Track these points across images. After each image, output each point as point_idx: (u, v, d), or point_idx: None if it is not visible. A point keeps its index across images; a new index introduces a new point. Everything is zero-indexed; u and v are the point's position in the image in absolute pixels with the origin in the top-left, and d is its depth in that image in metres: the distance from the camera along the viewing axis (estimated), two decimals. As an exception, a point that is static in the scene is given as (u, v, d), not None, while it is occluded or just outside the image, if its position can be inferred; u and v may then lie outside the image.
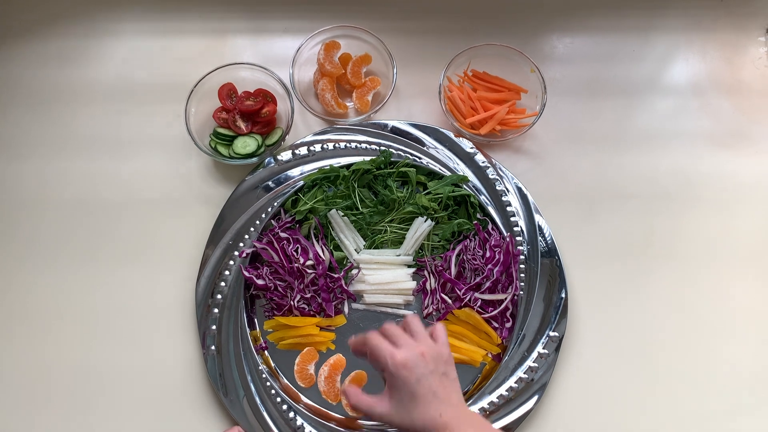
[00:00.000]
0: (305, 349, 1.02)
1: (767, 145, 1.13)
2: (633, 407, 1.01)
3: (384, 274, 1.04)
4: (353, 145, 1.08)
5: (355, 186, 1.06)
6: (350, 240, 1.06)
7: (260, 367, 0.99)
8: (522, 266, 1.03)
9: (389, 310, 1.04)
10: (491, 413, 0.97)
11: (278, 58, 1.14)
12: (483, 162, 1.07)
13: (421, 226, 1.05)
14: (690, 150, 1.13)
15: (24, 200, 1.11)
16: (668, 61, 1.19)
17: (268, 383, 0.99)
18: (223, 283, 1.03)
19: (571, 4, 1.20)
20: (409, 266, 1.05)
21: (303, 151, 1.08)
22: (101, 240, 1.09)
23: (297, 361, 1.02)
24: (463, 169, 1.07)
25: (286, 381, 1.01)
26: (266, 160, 1.08)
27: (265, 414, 0.98)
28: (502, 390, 0.98)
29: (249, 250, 1.04)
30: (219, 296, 1.02)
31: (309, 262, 1.03)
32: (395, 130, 1.09)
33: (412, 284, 1.04)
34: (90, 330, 1.05)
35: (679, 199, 1.10)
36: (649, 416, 1.00)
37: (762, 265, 1.07)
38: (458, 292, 1.01)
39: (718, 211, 1.10)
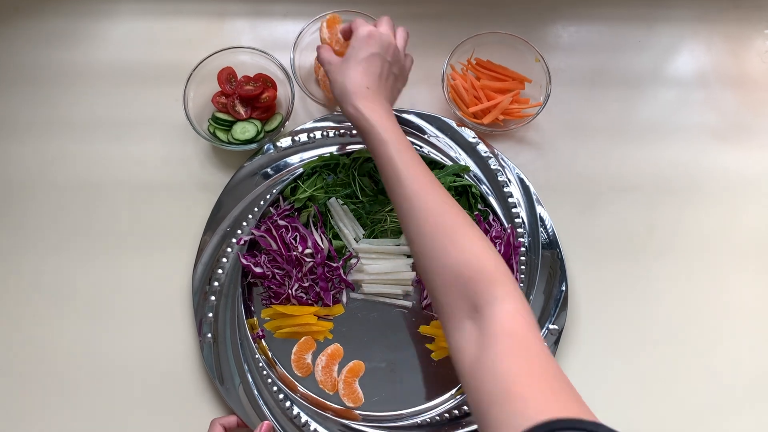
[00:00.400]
0: (302, 339, 1.01)
1: (771, 139, 1.12)
2: (632, 400, 1.01)
3: (383, 264, 1.03)
4: (354, 132, 1.07)
5: (356, 174, 1.05)
6: (349, 229, 1.04)
7: (257, 356, 0.99)
8: (522, 258, 1.02)
9: (388, 300, 1.03)
10: (489, 405, 0.97)
11: (278, 42, 1.13)
12: (485, 152, 1.06)
13: (421, 216, 1.04)
14: (693, 143, 1.12)
15: (17, 183, 1.09)
16: (673, 52, 1.17)
17: (265, 372, 0.98)
18: (220, 271, 1.02)
19: (577, -8, 1.19)
20: (409, 256, 1.04)
21: (303, 137, 1.07)
22: (96, 225, 1.07)
23: (294, 350, 1.01)
24: (464, 158, 1.06)
25: (282, 370, 1.01)
26: (265, 147, 1.06)
27: (261, 403, 0.97)
28: (501, 382, 0.98)
29: (247, 238, 1.03)
30: (216, 284, 1.01)
31: (307, 251, 1.02)
32: (397, 118, 1.07)
33: (412, 274, 1.03)
34: (85, 315, 1.04)
35: (681, 193, 1.10)
36: (648, 409, 1.00)
37: (763, 260, 1.07)
38: (458, 283, 1.01)
39: (721, 204, 1.09)
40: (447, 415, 0.97)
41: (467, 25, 1.11)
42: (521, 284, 1.01)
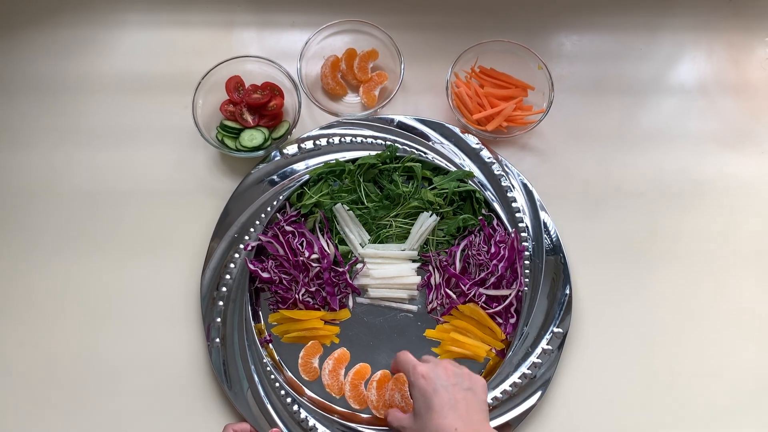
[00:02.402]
0: (309, 343, 1.02)
1: (772, 145, 1.14)
2: (635, 404, 1.01)
3: (388, 269, 1.04)
4: (359, 139, 1.08)
5: (361, 180, 1.07)
6: (355, 234, 1.06)
7: (264, 360, 1.00)
8: (527, 262, 1.03)
9: (393, 304, 1.04)
10: (495, 408, 0.98)
11: (285, 51, 1.15)
12: (488, 158, 1.07)
13: (426, 221, 1.05)
14: (695, 149, 1.13)
15: (30, 190, 1.11)
16: (675, 60, 1.19)
17: (273, 376, 0.99)
18: (228, 276, 1.03)
19: (579, 1, 1.20)
20: (414, 261, 1.05)
21: (309, 145, 1.08)
22: (107, 231, 1.09)
23: (301, 354, 1.02)
24: (468, 164, 1.07)
25: (290, 374, 1.01)
26: (272, 154, 1.08)
27: (269, 406, 0.98)
28: (506, 386, 0.98)
29: (254, 243, 1.04)
30: (224, 289, 1.03)
31: (314, 256, 1.03)
32: (401, 125, 1.09)
33: (417, 279, 1.04)
34: (95, 320, 1.05)
35: (683, 198, 1.11)
36: (651, 413, 1.01)
37: (765, 264, 1.07)
38: (463, 287, 1.02)
39: (723, 210, 1.10)
40: (452, 418, 0.98)
41: (471, 33, 1.13)
42: (526, 288, 1.02)
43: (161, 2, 1.20)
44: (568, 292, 1.02)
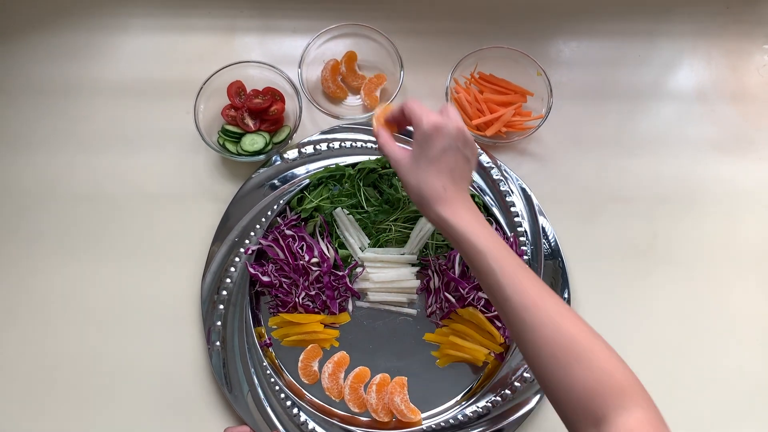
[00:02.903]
0: (309, 346, 1.03)
1: (770, 151, 1.14)
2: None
3: (388, 273, 1.04)
4: (359, 144, 1.09)
5: (361, 185, 1.07)
6: (355, 238, 1.06)
7: (264, 364, 1.00)
8: (525, 267, 1.04)
9: (393, 308, 1.05)
10: (493, 412, 0.98)
11: (287, 57, 1.16)
12: (487, 163, 1.08)
13: (425, 226, 1.05)
14: (693, 155, 1.14)
15: (31, 194, 1.12)
16: (673, 66, 1.19)
17: (273, 379, 1.00)
18: (228, 280, 1.04)
19: (578, 8, 1.21)
20: (414, 265, 1.06)
21: (309, 149, 1.09)
22: (107, 235, 1.10)
23: (301, 357, 1.03)
24: (468, 169, 1.08)
25: (290, 377, 1.02)
26: (273, 158, 1.08)
27: (269, 410, 0.99)
28: (505, 389, 0.99)
29: (254, 247, 1.05)
30: (224, 292, 1.03)
31: (314, 260, 1.03)
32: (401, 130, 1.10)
33: (416, 283, 1.05)
34: (95, 324, 1.06)
35: (682, 204, 1.11)
36: (649, 418, 1.01)
37: (764, 269, 1.08)
38: (462, 291, 1.02)
39: (721, 216, 1.11)
40: (452, 421, 0.98)
41: (470, 40, 1.13)
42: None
43: (164, 7, 1.21)
44: (566, 296, 1.02)
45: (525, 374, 0.99)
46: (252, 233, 1.05)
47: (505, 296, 0.74)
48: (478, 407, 0.98)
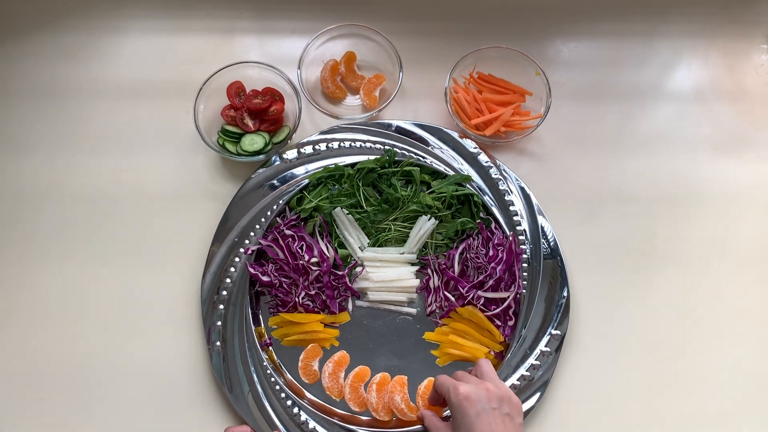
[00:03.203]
0: (309, 346, 1.03)
1: (768, 151, 1.15)
2: (633, 406, 1.02)
3: (388, 272, 1.05)
4: (358, 144, 1.09)
5: (360, 184, 1.07)
6: (354, 238, 1.06)
7: (265, 363, 1.00)
8: (524, 265, 1.04)
9: (393, 307, 1.05)
10: (493, 411, 0.98)
11: (286, 57, 1.16)
12: (486, 162, 1.08)
13: (424, 225, 1.06)
14: (692, 155, 1.14)
15: (31, 195, 1.12)
16: (671, 66, 1.20)
17: (273, 379, 1.00)
18: (228, 280, 1.04)
19: (577, 8, 1.21)
20: (413, 264, 1.06)
21: (308, 149, 1.09)
22: (108, 235, 1.10)
23: (301, 357, 1.03)
24: (466, 168, 1.08)
25: (290, 377, 1.02)
26: (272, 158, 1.09)
27: (269, 409, 0.99)
28: (504, 388, 0.99)
29: (254, 247, 1.05)
30: (224, 292, 1.03)
31: (314, 260, 1.04)
32: (400, 130, 1.10)
33: (416, 282, 1.05)
34: (96, 324, 1.06)
35: (680, 203, 1.11)
36: (649, 416, 1.01)
37: (762, 269, 1.08)
38: (461, 290, 1.02)
39: (719, 215, 1.11)
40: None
41: (469, 40, 1.14)
42: (524, 291, 1.03)
43: (163, 9, 1.21)
44: (565, 295, 1.03)
45: (525, 372, 0.99)
46: (252, 233, 1.06)
47: None
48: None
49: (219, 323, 1.02)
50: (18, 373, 1.04)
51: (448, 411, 0.92)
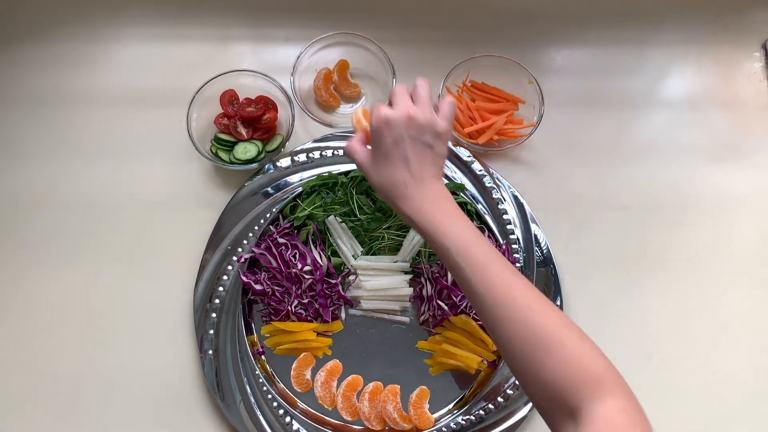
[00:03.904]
0: (302, 355, 1.03)
1: (761, 159, 1.14)
2: (626, 416, 1.01)
3: (381, 281, 1.04)
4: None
5: (354, 193, 1.07)
6: (348, 246, 1.06)
7: (257, 372, 1.00)
8: (518, 274, 1.04)
9: (386, 316, 1.05)
10: (485, 420, 0.98)
11: (280, 65, 1.16)
12: (480, 170, 1.08)
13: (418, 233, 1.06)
14: (685, 163, 1.14)
15: (24, 202, 1.12)
16: (664, 74, 1.20)
17: (265, 388, 0.99)
18: (221, 288, 1.04)
19: (570, 17, 1.22)
20: (406, 273, 1.06)
21: (302, 157, 1.09)
22: (100, 243, 1.10)
23: (294, 366, 1.02)
24: (460, 177, 1.08)
25: (282, 386, 1.02)
26: (266, 167, 1.09)
27: (261, 418, 0.98)
28: (498, 397, 0.99)
29: (247, 256, 1.05)
30: (217, 301, 1.03)
31: (307, 268, 1.03)
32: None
33: (409, 291, 1.05)
34: (87, 333, 1.06)
35: (673, 211, 1.11)
36: (642, 425, 1.01)
37: (754, 276, 1.08)
38: (454, 298, 1.02)
39: (712, 223, 1.11)
40: (444, 429, 0.98)
41: (462, 48, 1.14)
42: (517, 300, 1.02)
43: (157, 17, 1.21)
44: (559, 303, 1.03)
45: (517, 382, 0.99)
46: (245, 241, 1.05)
47: (474, 291, 0.72)
48: (470, 415, 0.98)
49: (211, 332, 1.02)
50: (8, 380, 1.03)
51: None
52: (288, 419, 0.98)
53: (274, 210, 1.06)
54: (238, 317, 1.03)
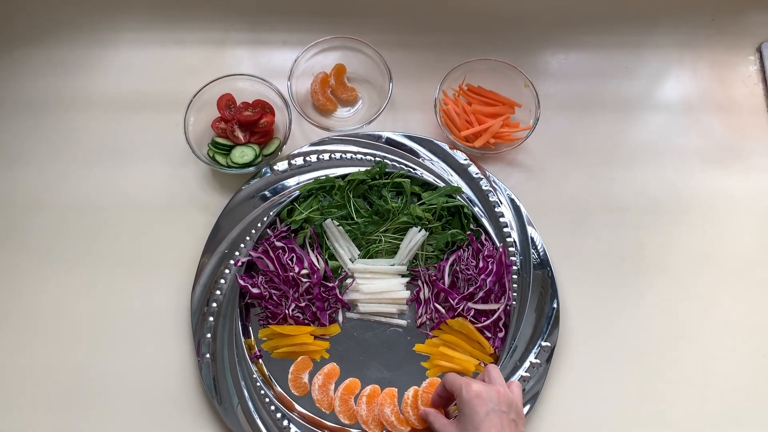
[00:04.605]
0: (299, 358, 1.03)
1: (756, 161, 1.15)
2: (624, 416, 1.02)
3: (378, 284, 1.05)
4: (348, 155, 1.10)
5: (351, 196, 1.08)
6: (345, 249, 1.07)
7: (254, 375, 1.00)
8: (514, 277, 1.04)
9: (383, 319, 1.05)
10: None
11: (277, 69, 1.16)
12: (476, 174, 1.09)
13: (415, 236, 1.06)
14: (680, 165, 1.15)
15: (22, 206, 1.12)
16: (660, 77, 1.21)
17: (262, 391, 0.99)
18: (218, 292, 1.04)
19: (565, 20, 1.22)
20: (403, 276, 1.06)
21: (299, 161, 1.09)
22: (98, 247, 1.10)
23: (291, 369, 1.02)
24: (457, 180, 1.08)
25: (280, 389, 1.02)
26: (263, 170, 1.09)
27: (258, 422, 0.98)
28: (495, 399, 0.99)
29: (244, 259, 1.05)
30: (214, 304, 1.03)
31: (304, 271, 1.04)
32: (390, 142, 1.11)
33: (406, 294, 1.05)
34: (85, 336, 1.05)
35: (669, 213, 1.12)
36: (639, 426, 1.01)
37: (749, 278, 1.09)
38: (451, 301, 1.02)
39: (707, 225, 1.11)
40: None
41: (459, 52, 1.14)
42: (514, 302, 1.03)
43: (154, 21, 1.22)
44: (555, 306, 1.03)
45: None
46: (242, 245, 1.06)
47: None
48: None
49: (209, 335, 1.02)
50: (6, 382, 1.03)
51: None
52: (285, 423, 0.98)
53: (271, 213, 1.06)
54: (235, 321, 1.03)
